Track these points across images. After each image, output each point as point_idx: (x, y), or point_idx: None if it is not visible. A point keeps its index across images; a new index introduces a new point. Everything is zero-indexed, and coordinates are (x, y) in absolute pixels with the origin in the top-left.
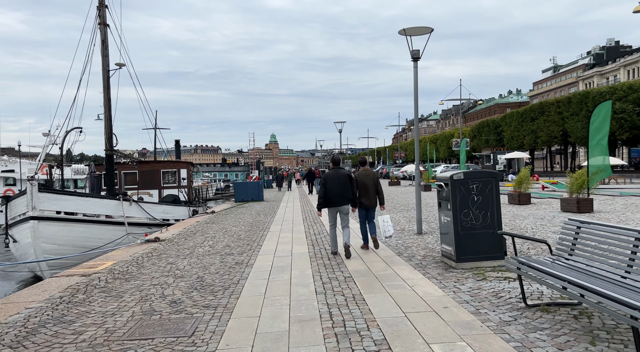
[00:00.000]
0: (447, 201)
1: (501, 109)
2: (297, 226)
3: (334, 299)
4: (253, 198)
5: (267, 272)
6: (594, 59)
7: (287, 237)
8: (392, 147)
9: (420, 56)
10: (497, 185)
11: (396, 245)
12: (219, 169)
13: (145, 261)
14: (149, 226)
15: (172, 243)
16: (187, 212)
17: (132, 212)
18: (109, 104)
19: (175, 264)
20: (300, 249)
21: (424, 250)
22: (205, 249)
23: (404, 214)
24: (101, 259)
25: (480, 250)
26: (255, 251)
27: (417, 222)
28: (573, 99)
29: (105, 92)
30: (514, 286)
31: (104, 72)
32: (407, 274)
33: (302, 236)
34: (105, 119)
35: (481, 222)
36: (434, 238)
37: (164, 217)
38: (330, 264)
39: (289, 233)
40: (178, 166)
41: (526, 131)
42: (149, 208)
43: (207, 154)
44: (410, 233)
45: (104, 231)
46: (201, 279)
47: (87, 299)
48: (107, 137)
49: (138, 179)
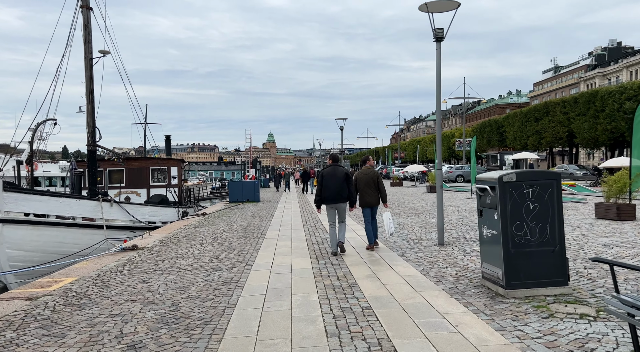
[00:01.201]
0: (492, 209)
1: (501, 109)
2: (296, 231)
3: (352, 346)
4: (249, 199)
5: (261, 297)
6: (595, 59)
7: (286, 247)
8: (392, 147)
9: (444, 36)
10: (559, 189)
11: (417, 259)
12: (215, 167)
13: (113, 277)
14: (132, 230)
15: (151, 253)
16: (177, 214)
17: (113, 214)
18: (91, 94)
19: (149, 282)
20: (302, 263)
21: (453, 268)
22: (188, 261)
23: (416, 219)
24: (61, 273)
25: (537, 274)
26: (248, 264)
27: (439, 231)
28: (580, 99)
29: (87, 82)
30: (603, 331)
31: (87, 60)
32: (444, 304)
33: (303, 245)
34: (88, 111)
35: (538, 238)
36: (460, 251)
37: (150, 220)
38: (340, 286)
39: (288, 241)
40: (168, 164)
41: (530, 131)
42: (133, 210)
43: (204, 153)
44: (430, 243)
45: (79, 235)
46: (176, 306)
47: (14, 341)
48: (90, 131)
49: (125, 178)
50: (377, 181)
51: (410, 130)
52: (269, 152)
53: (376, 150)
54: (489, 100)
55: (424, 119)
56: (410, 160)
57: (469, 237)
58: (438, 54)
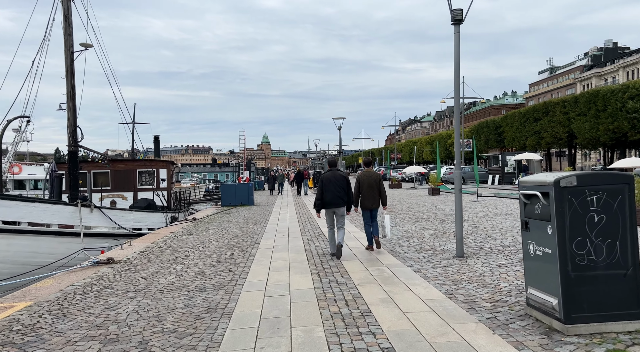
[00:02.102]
0: (544, 221)
1: (496, 110)
2: (294, 240)
3: None
4: (242, 202)
5: (252, 331)
6: (591, 60)
7: (283, 259)
8: (387, 148)
9: (463, 18)
10: (632, 196)
11: (437, 276)
12: (209, 169)
13: (76, 302)
14: (115, 237)
15: (127, 267)
16: (165, 220)
17: (94, 220)
18: (72, 91)
19: (117, 309)
20: (302, 282)
21: (484, 288)
22: (169, 279)
23: (424, 225)
24: (16, 296)
25: (605, 304)
26: (239, 283)
27: (458, 241)
28: (580, 99)
29: (68, 78)
30: None
31: (67, 54)
32: (487, 344)
33: (302, 257)
34: (69, 109)
35: (605, 258)
36: (485, 265)
37: (135, 226)
38: (350, 314)
39: (285, 252)
40: (157, 166)
41: (529, 132)
42: (116, 215)
43: (198, 155)
44: (447, 255)
45: (55, 244)
46: (145, 346)
47: None
48: (70, 130)
49: (110, 180)
50: (380, 183)
51: (406, 131)
52: (263, 154)
53: (372, 152)
54: (486, 101)
55: (419, 120)
56: (407, 161)
57: (489, 247)
58: (456, 39)
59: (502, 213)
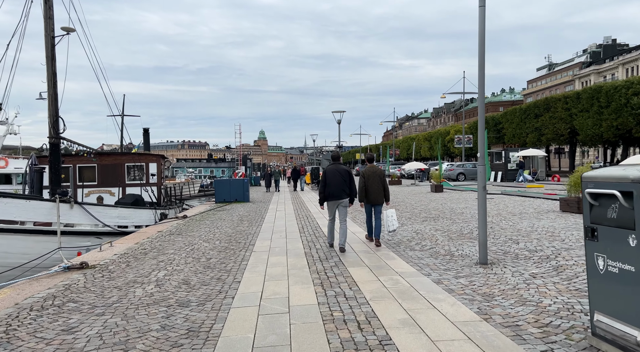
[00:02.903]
0: (625, 229)
1: (494, 107)
2: (292, 241)
3: None
4: (237, 199)
5: None
6: (590, 57)
7: (280, 265)
8: (385, 144)
9: None
10: None
11: (462, 289)
12: (205, 164)
13: (28, 322)
14: (98, 236)
15: (102, 274)
16: (153, 217)
17: (74, 217)
18: (53, 78)
19: (75, 332)
20: (304, 295)
21: (524, 307)
22: (147, 289)
23: (433, 225)
24: None
25: None
26: (229, 295)
27: (481, 246)
28: (583, 95)
29: (48, 64)
30: None
31: (47, 39)
32: None
33: (303, 262)
34: (49, 98)
35: None
36: (516, 275)
37: (121, 224)
38: (365, 342)
39: (282, 256)
40: (146, 160)
41: (529, 128)
42: (99, 212)
43: (194, 150)
44: (467, 262)
45: (30, 243)
46: None
47: None
48: (52, 120)
49: (97, 175)
50: (383, 179)
51: (403, 128)
52: (260, 150)
53: (369, 148)
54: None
55: (416, 116)
56: (404, 158)
57: (514, 252)
58: (482, 13)
59: (515, 212)
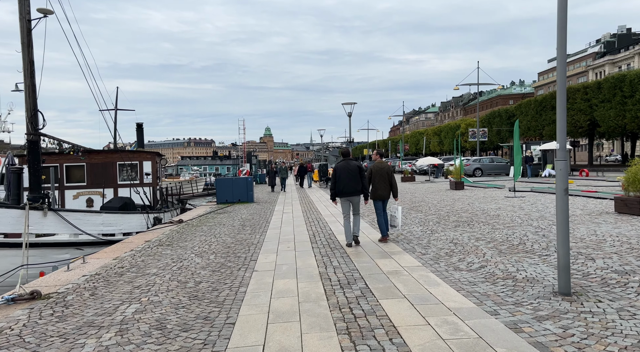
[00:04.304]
0: None
1: (504, 100)
2: (303, 255)
3: None
4: (240, 199)
5: None
6: (604, 47)
7: (289, 294)
8: (393, 139)
9: None
10: None
11: (561, 345)
12: (210, 162)
13: None
14: (79, 246)
15: (54, 309)
16: (145, 222)
17: (49, 226)
18: (30, 67)
19: None
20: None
21: None
22: (103, 341)
23: (469, 231)
24: None
25: None
26: (219, 348)
27: (561, 270)
28: (604, 84)
29: (25, 51)
30: None
31: (22, 22)
32: None
33: (318, 290)
34: (26, 90)
35: None
36: (625, 317)
37: (106, 232)
38: None
39: (291, 279)
40: (140, 157)
41: (546, 121)
42: (79, 219)
43: (200, 147)
44: (541, 291)
45: None
46: None
47: None
48: (29, 115)
49: (86, 175)
50: (390, 174)
51: (410, 122)
52: (266, 147)
53: (377, 144)
54: (492, 91)
55: (423, 111)
56: (412, 153)
57: (598, 275)
58: None
59: None
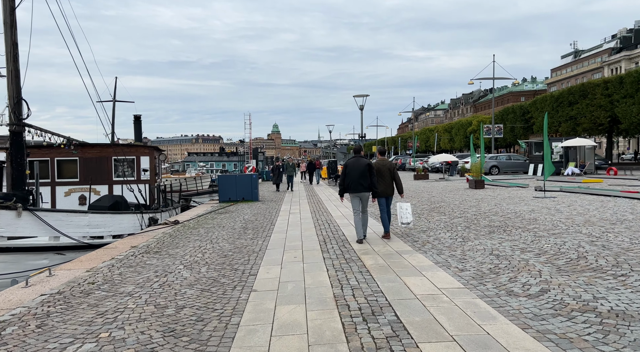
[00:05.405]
0: None
1: (515, 97)
2: (313, 268)
3: None
4: (244, 197)
5: None
6: (620, 42)
7: (296, 329)
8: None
9: None
10: None
11: None
12: (216, 158)
13: None
14: (59, 251)
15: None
16: (139, 223)
17: (25, 228)
18: (14, 51)
19: None
20: None
21: None
22: None
23: (509, 240)
24: None
25: None
26: None
27: None
28: (626, 79)
29: (7, 33)
30: None
31: (5, 1)
32: None
33: (335, 324)
34: (9, 75)
35: None
36: None
37: (93, 234)
38: None
39: (299, 305)
40: (137, 152)
41: (563, 117)
42: (61, 220)
43: (208, 144)
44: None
45: None
46: None
47: None
48: (12, 102)
49: (78, 170)
50: (393, 171)
51: (419, 120)
52: (273, 143)
53: (386, 141)
54: (503, 88)
55: (432, 108)
56: (422, 150)
57: None
58: None
59: (607, 217)
